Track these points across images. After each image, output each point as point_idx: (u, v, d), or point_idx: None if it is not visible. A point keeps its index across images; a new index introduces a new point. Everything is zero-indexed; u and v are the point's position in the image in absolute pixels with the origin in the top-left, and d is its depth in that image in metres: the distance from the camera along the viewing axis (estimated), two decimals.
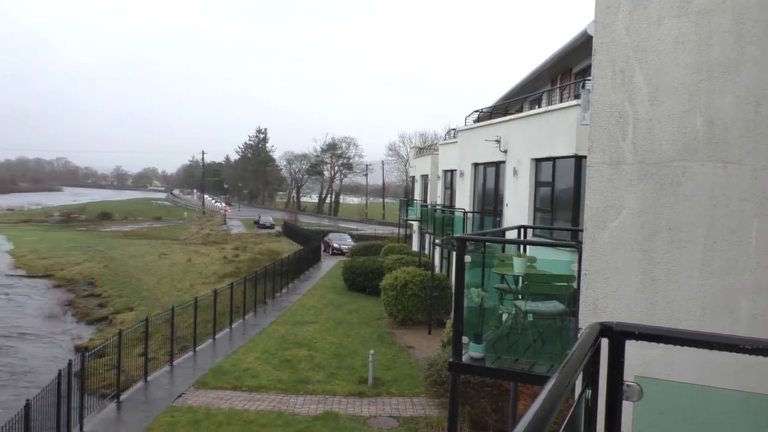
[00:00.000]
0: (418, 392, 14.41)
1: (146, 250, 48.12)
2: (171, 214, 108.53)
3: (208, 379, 15.39)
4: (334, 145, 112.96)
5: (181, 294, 30.85)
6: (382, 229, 69.65)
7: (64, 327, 28.51)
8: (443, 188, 24.81)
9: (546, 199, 13.74)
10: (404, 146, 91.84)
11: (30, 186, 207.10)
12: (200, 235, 65.47)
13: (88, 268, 42.17)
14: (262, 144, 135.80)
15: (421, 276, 21.66)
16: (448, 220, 19.71)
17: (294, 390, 14.68)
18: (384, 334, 20.65)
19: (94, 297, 34.58)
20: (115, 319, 28.29)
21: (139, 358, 16.50)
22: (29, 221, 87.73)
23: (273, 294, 27.10)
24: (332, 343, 19.29)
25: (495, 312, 6.93)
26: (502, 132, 15.89)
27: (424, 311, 21.48)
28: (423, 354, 17.81)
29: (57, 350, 24.50)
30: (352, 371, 16.23)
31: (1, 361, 22.85)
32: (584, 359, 1.60)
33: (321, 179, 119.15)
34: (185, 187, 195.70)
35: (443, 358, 13.17)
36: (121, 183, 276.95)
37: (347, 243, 47.92)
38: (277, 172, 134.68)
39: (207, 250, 47.20)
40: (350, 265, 30.20)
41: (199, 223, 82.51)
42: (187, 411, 13.11)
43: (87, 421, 12.11)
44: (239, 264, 38.48)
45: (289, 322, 22.25)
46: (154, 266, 40.45)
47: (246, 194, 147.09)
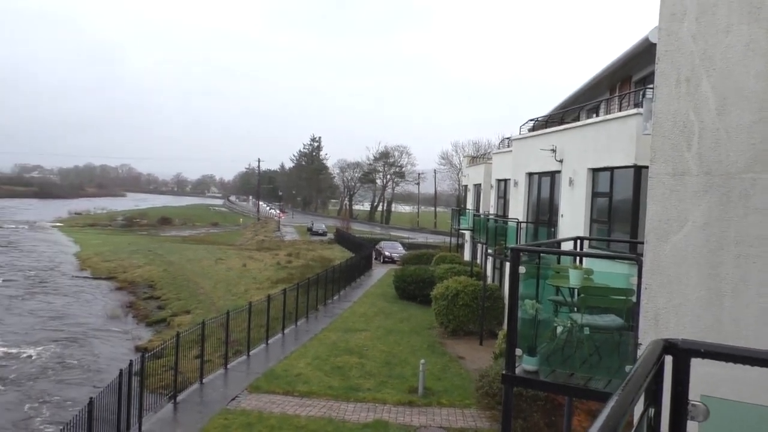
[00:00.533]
0: (469, 404, 14.25)
1: (203, 255, 49.43)
2: (227, 220, 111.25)
3: (261, 383, 15.63)
4: (386, 153, 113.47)
5: (236, 298, 31.50)
6: (433, 238, 69.38)
7: (125, 327, 29.56)
8: (496, 198, 24.55)
9: (603, 210, 13.40)
10: (457, 155, 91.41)
11: (96, 191, 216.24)
12: (255, 241, 66.80)
13: (149, 272, 43.60)
14: (316, 152, 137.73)
15: (473, 286, 21.45)
16: (501, 230, 19.48)
17: (344, 397, 14.75)
18: (434, 344, 20.53)
19: (154, 299, 35.71)
20: (173, 322, 29.12)
21: (195, 361, 16.93)
22: (95, 225, 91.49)
23: (324, 301, 27.35)
24: (383, 351, 19.31)
25: (549, 324, 6.80)
26: (558, 141, 15.62)
27: (476, 321, 21.26)
28: (474, 365, 17.61)
29: (118, 350, 25.43)
30: (402, 380, 16.19)
31: (69, 360, 23.88)
32: (647, 377, 1.55)
33: (373, 187, 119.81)
34: (241, 193, 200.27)
35: (495, 369, 12.99)
36: (181, 189, 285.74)
37: (398, 251, 47.94)
38: (330, 180, 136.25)
39: (261, 256, 48.10)
40: (401, 273, 30.19)
41: (254, 230, 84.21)
42: (240, 414, 13.35)
43: (145, 420, 12.49)
44: (292, 270, 39.04)
45: (340, 329, 22.40)
46: (210, 271, 41.49)
47: (299, 201, 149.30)
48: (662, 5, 3.50)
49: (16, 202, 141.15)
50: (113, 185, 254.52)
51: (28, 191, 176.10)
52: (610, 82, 19.37)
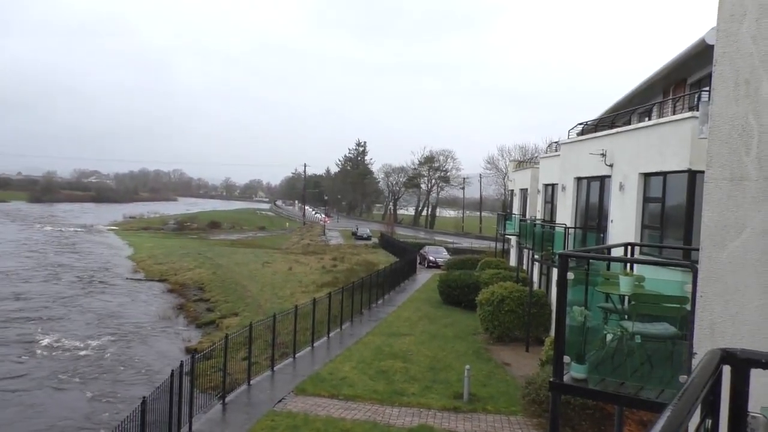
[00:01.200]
0: (515, 411, 14.06)
1: (251, 259, 50.32)
2: (274, 224, 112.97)
3: (307, 385, 15.80)
4: (431, 158, 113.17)
5: (282, 301, 31.95)
6: (478, 243, 68.82)
7: (176, 329, 30.35)
8: (543, 202, 24.20)
9: (655, 216, 13.05)
10: (503, 159, 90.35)
11: (149, 195, 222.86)
12: (301, 245, 67.61)
13: (198, 274, 44.66)
14: (361, 157, 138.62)
15: (519, 292, 21.18)
16: (548, 235, 19.17)
17: (389, 401, 14.76)
18: (480, 350, 20.35)
19: (203, 301, 36.54)
20: (222, 324, 29.73)
21: (243, 362, 17.24)
22: (148, 228, 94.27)
23: (369, 305, 27.46)
24: (427, 356, 19.25)
25: (599, 332, 6.66)
26: (608, 145, 15.30)
27: (522, 328, 20.97)
28: (520, 372, 17.37)
29: (170, 350, 26.14)
30: (447, 385, 16.10)
31: (124, 358, 24.66)
32: (704, 387, 1.52)
33: (418, 192, 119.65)
34: (287, 198, 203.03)
35: (542, 377, 12.78)
36: (229, 194, 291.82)
37: (443, 256, 47.73)
38: (375, 185, 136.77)
39: (307, 260, 48.65)
40: (446, 278, 30.06)
41: (300, 234, 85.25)
42: (286, 416, 13.51)
43: (195, 420, 12.79)
44: (337, 274, 39.35)
45: (384, 333, 22.45)
46: (257, 274, 42.20)
47: (344, 206, 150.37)
48: (721, 6, 3.40)
49: (75, 206, 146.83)
50: (166, 190, 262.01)
51: (86, 196, 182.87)
52: (663, 84, 18.87)
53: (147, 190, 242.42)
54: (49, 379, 21.80)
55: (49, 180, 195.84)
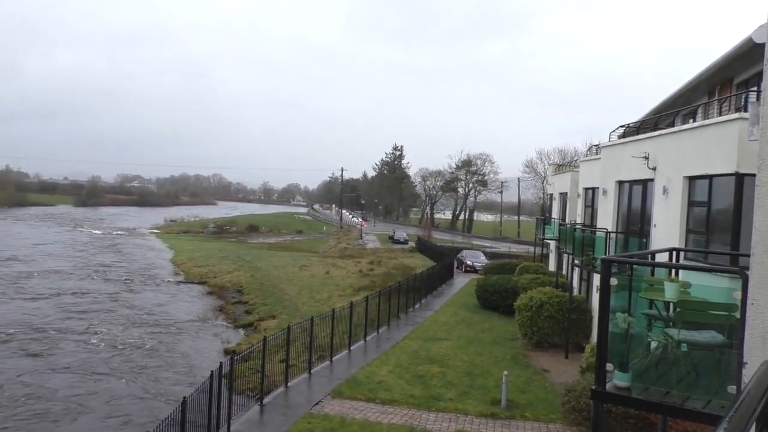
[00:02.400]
0: (554, 418, 13.82)
1: (288, 262, 50.81)
2: (311, 227, 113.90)
3: (344, 389, 15.84)
4: (469, 161, 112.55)
5: (319, 305, 32.14)
6: (516, 248, 68.04)
7: (215, 330, 30.83)
8: (583, 206, 23.79)
9: (700, 220, 12.68)
10: (542, 163, 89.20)
11: (190, 199, 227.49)
12: (338, 249, 67.98)
13: (237, 277, 45.29)
14: (398, 161, 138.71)
15: (558, 297, 20.84)
16: (588, 240, 18.82)
17: (426, 406, 14.68)
18: (518, 356, 20.09)
19: (242, 304, 37.03)
20: (260, 326, 30.07)
21: (280, 364, 17.38)
22: (188, 232, 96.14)
23: (406, 309, 27.40)
24: (464, 361, 19.09)
25: (642, 339, 6.49)
26: (651, 148, 14.94)
27: (561, 334, 20.64)
28: (559, 378, 17.08)
29: (209, 351, 26.55)
30: (485, 391, 15.93)
31: (165, 358, 25.18)
32: (761, 400, 1.45)
33: (455, 196, 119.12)
34: (325, 202, 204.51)
35: (582, 384, 12.54)
36: (267, 198, 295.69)
37: (480, 260, 47.37)
38: (412, 189, 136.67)
39: (344, 264, 48.87)
40: (483, 283, 29.81)
41: (337, 237, 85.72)
42: (323, 419, 13.57)
43: (234, 421, 12.93)
44: (374, 278, 39.40)
45: (421, 337, 22.36)
46: (295, 277, 42.57)
47: (381, 210, 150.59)
48: None
49: (119, 210, 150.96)
50: (205, 194, 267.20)
51: (129, 200, 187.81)
52: (708, 85, 18.35)
53: (187, 194, 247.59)
54: (101, 368, 22.90)
55: (94, 184, 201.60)
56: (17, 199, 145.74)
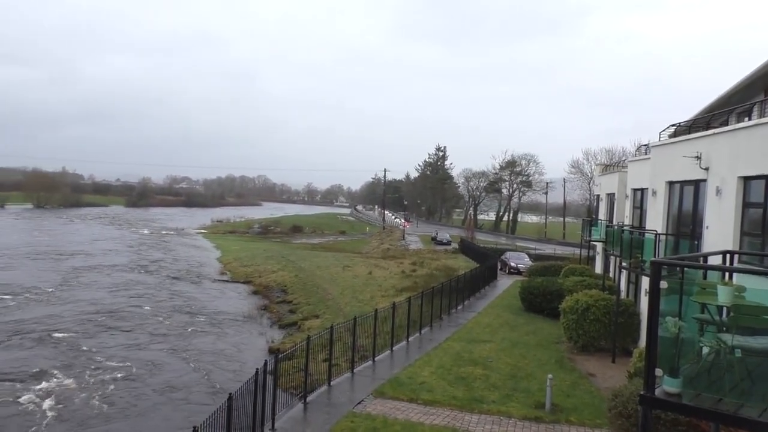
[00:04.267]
0: (600, 423, 13.53)
1: (331, 262, 51.23)
2: (354, 228, 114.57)
3: (386, 389, 15.87)
4: (513, 162, 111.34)
5: (362, 305, 32.30)
6: (561, 250, 66.95)
7: (260, 329, 31.34)
8: (632, 208, 23.22)
9: (756, 222, 12.22)
10: (588, 163, 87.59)
11: (235, 200, 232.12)
12: (380, 250, 68.18)
13: (282, 277, 45.93)
14: (440, 162, 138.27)
15: (605, 300, 20.40)
16: (637, 242, 18.34)
17: (468, 408, 14.58)
18: (563, 359, 19.76)
19: (286, 303, 37.52)
20: (303, 325, 30.42)
21: (323, 363, 17.53)
22: (234, 232, 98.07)
23: (449, 310, 27.27)
24: (508, 363, 18.88)
25: (694, 344, 6.30)
26: (704, 147, 14.48)
27: (608, 338, 20.19)
28: (606, 383, 16.72)
29: (255, 349, 27.02)
30: (528, 394, 15.72)
31: (212, 356, 25.75)
32: None
33: (499, 197, 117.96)
34: (367, 203, 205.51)
35: (630, 389, 12.25)
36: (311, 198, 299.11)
37: (525, 262, 46.79)
38: (455, 190, 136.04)
39: (386, 264, 48.99)
40: (527, 285, 29.42)
41: (380, 238, 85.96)
42: (366, 418, 13.62)
43: (278, 418, 13.10)
44: (416, 279, 39.36)
45: (464, 339, 22.22)
46: (338, 277, 42.90)
47: (424, 211, 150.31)
48: None
49: (168, 211, 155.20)
50: (250, 195, 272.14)
51: (177, 200, 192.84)
52: (764, 82, 17.66)
53: (233, 195, 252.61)
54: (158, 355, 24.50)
55: (144, 186, 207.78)
56: (73, 199, 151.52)
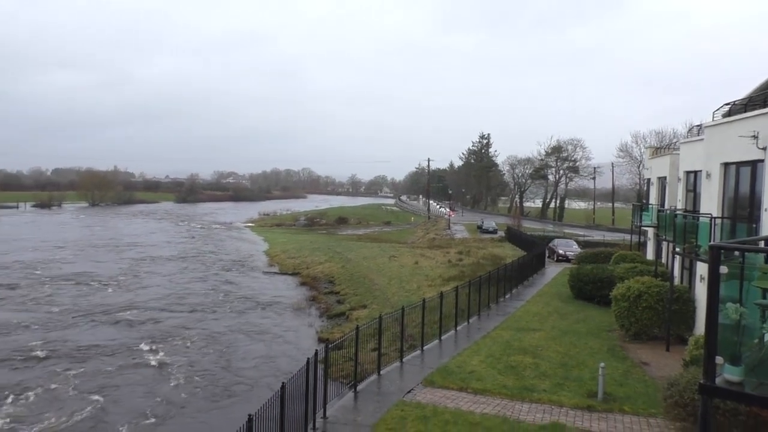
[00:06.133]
0: (654, 413, 13.25)
1: (377, 253, 51.46)
2: (399, 218, 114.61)
3: (435, 377, 15.90)
4: (559, 147, 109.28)
5: (409, 294, 32.37)
6: (611, 236, 65.50)
7: (309, 320, 31.79)
8: (684, 191, 22.51)
9: None
10: (637, 147, 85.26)
11: (281, 194, 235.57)
12: (426, 239, 68.07)
13: (329, 268, 46.40)
14: (485, 149, 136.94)
15: (658, 287, 19.88)
16: (690, 226, 17.79)
17: (519, 396, 14.49)
18: (614, 347, 19.39)
19: (333, 294, 37.92)
20: (351, 315, 30.70)
21: (372, 353, 17.69)
22: (280, 225, 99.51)
23: (496, 299, 27.08)
24: (558, 352, 18.65)
25: (755, 331, 6.10)
26: (762, 126, 13.91)
27: (661, 325, 19.70)
28: (660, 372, 16.35)
29: (305, 339, 27.46)
30: (580, 383, 15.51)
31: (264, 347, 26.30)
32: None
33: (545, 183, 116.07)
34: (412, 193, 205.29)
35: (686, 378, 11.94)
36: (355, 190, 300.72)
37: (573, 249, 46.01)
38: (500, 177, 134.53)
39: (432, 254, 48.90)
40: (577, 272, 28.93)
41: (425, 228, 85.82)
42: (415, 407, 13.70)
43: (329, 406, 13.31)
44: (463, 268, 39.19)
45: (513, 327, 22.05)
46: (384, 268, 43.08)
47: (469, 199, 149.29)
48: None
49: (216, 206, 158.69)
50: (296, 188, 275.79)
51: (225, 195, 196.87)
52: None
53: (279, 189, 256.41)
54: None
55: (193, 182, 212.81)
56: (125, 197, 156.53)
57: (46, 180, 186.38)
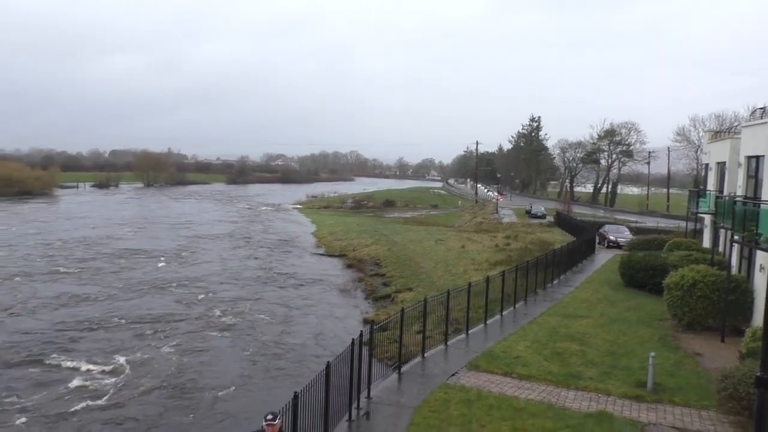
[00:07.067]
0: (707, 405, 12.88)
1: (424, 236, 51.40)
2: (446, 202, 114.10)
3: (480, 362, 15.86)
4: (612, 131, 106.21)
5: (455, 278, 32.27)
6: (665, 223, 63.52)
7: (354, 302, 32.14)
8: (745, 177, 21.58)
9: None
10: (695, 130, 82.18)
11: (329, 176, 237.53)
12: (473, 223, 67.57)
13: (375, 250, 46.66)
14: (535, 133, 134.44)
15: (714, 276, 19.22)
16: (751, 214, 17.07)
17: (564, 384, 14.32)
18: (666, 337, 18.89)
19: (379, 276, 38.15)
20: (397, 298, 30.84)
21: (417, 336, 17.75)
22: (328, 207, 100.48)
23: (544, 284, 26.71)
24: (606, 340, 18.31)
25: None
26: None
27: (716, 316, 19.07)
28: (714, 363, 15.86)
29: (350, 320, 27.81)
30: (628, 372, 15.20)
31: (313, 327, 26.78)
32: None
33: (597, 168, 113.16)
34: (459, 176, 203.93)
35: (742, 370, 11.57)
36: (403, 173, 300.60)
37: (625, 236, 44.85)
38: (550, 161, 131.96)
39: (479, 238, 48.53)
40: (628, 259, 28.20)
41: (472, 212, 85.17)
42: (459, 390, 13.71)
43: (373, 387, 13.46)
44: (510, 252, 38.77)
45: (560, 314, 21.74)
46: (430, 251, 43.02)
47: (517, 183, 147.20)
48: None
49: (265, 187, 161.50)
50: (344, 170, 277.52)
51: (274, 177, 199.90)
52: None
53: (327, 171, 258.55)
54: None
55: (243, 164, 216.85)
56: (178, 178, 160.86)
57: (104, 161, 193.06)
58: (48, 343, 23.44)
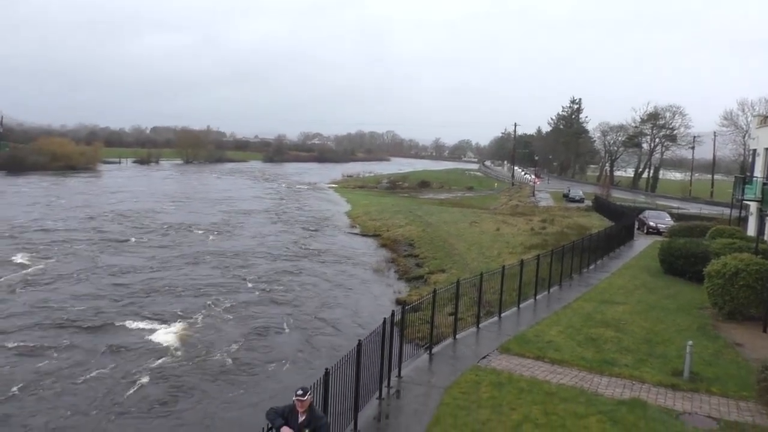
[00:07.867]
0: (746, 396, 12.57)
1: (458, 218, 51.15)
2: (482, 184, 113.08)
3: (512, 345, 15.77)
4: (655, 114, 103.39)
5: (489, 261, 32.06)
6: (708, 209, 61.88)
7: (387, 281, 32.27)
8: None
9: None
10: (744, 115, 79.40)
11: (365, 156, 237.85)
12: (509, 206, 66.90)
13: (409, 231, 46.64)
14: (575, 115, 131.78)
15: (758, 265, 18.63)
16: None
17: (598, 370, 14.14)
18: (705, 326, 18.45)
19: (413, 257, 38.17)
20: (430, 279, 30.83)
21: (449, 317, 17.74)
22: (363, 187, 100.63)
23: (580, 269, 26.32)
24: (642, 327, 17.98)
25: None
26: None
27: (759, 305, 18.52)
28: (755, 354, 15.45)
29: (382, 299, 27.97)
30: (665, 360, 14.92)
31: (347, 306, 27.05)
32: None
33: (638, 152, 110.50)
34: (496, 158, 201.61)
35: None
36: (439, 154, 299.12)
37: (665, 222, 43.80)
38: (590, 144, 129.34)
39: (515, 221, 48.06)
40: (668, 246, 27.55)
41: (509, 194, 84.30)
42: (490, 372, 13.67)
43: (404, 366, 13.53)
44: (546, 236, 38.30)
45: (595, 299, 21.43)
46: (465, 233, 42.80)
47: (556, 167, 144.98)
48: None
49: (301, 166, 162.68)
50: (379, 150, 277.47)
51: (310, 156, 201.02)
52: None
53: (363, 151, 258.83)
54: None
55: (280, 142, 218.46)
56: (216, 155, 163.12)
57: (145, 138, 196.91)
58: (106, 311, 24.47)
